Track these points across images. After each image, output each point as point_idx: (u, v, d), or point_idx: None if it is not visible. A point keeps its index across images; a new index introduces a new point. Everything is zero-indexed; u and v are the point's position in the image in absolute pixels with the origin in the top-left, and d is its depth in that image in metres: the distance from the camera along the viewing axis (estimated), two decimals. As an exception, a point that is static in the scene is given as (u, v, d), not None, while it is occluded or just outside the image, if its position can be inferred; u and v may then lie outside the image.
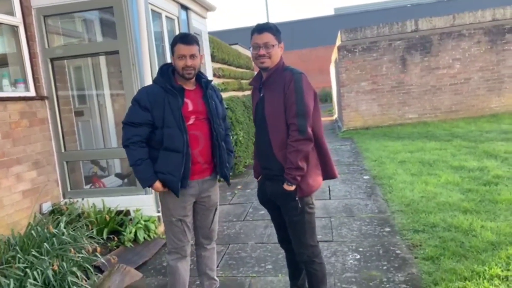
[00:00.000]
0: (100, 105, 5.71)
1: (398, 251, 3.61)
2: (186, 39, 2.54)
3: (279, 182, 2.39)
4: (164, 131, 2.53)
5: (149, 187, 2.62)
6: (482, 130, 9.07)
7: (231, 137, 4.48)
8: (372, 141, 9.37)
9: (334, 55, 13.68)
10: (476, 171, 5.73)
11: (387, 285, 3.05)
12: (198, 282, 3.26)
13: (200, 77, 2.69)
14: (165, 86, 2.55)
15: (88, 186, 4.85)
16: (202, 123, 2.65)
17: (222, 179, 2.82)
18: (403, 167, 6.46)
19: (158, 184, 2.57)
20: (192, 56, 2.53)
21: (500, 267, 3.05)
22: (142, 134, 2.56)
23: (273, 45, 2.40)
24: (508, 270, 3.01)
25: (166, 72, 2.62)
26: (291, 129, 2.33)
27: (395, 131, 10.47)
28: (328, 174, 2.54)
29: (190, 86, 2.66)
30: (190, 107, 2.61)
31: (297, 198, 2.38)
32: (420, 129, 10.30)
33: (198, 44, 2.60)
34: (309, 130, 2.32)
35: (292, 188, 2.36)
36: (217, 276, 3.05)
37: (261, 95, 2.51)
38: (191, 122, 2.58)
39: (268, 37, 2.40)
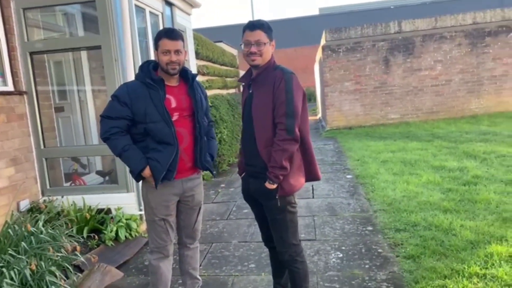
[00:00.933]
0: (81, 101, 5.59)
1: (380, 250, 3.65)
2: (171, 34, 2.51)
3: (262, 180, 2.39)
4: (150, 126, 2.49)
5: (140, 172, 2.52)
6: (462, 131, 9.25)
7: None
8: (355, 140, 9.45)
9: (319, 54, 13.75)
10: (456, 171, 5.83)
11: (369, 284, 3.08)
12: (180, 281, 3.23)
13: (185, 71, 2.65)
14: (145, 80, 2.51)
15: (68, 184, 4.75)
16: (185, 120, 2.61)
17: (206, 176, 2.79)
18: (385, 167, 6.54)
19: (148, 170, 2.51)
20: (177, 52, 2.49)
21: (478, 265, 3.10)
22: (121, 126, 2.52)
23: (264, 43, 2.39)
24: (486, 268, 3.07)
25: (146, 67, 2.58)
26: (278, 128, 2.32)
27: (377, 131, 10.59)
28: (311, 175, 2.54)
29: (173, 82, 2.61)
30: (173, 104, 2.57)
31: (277, 197, 2.37)
32: (402, 129, 10.45)
33: (183, 39, 2.56)
34: (297, 130, 2.33)
35: (274, 186, 2.36)
36: (200, 275, 3.02)
37: (250, 91, 2.50)
38: (174, 119, 2.54)
39: (260, 35, 2.39)
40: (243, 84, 2.64)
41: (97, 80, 5.63)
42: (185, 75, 2.65)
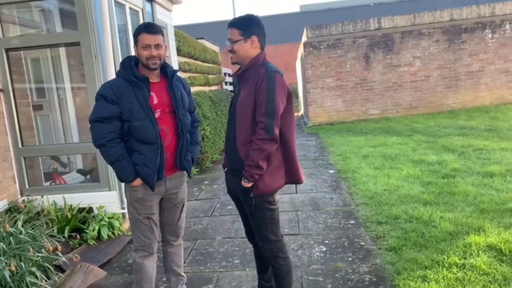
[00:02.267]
0: (61, 99, 5.48)
1: (362, 243, 3.71)
2: (150, 28, 2.48)
3: (239, 178, 2.37)
4: (134, 124, 2.45)
5: (131, 181, 2.51)
6: (440, 125, 9.45)
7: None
8: (336, 136, 9.55)
9: (300, 51, 13.82)
10: (435, 165, 5.96)
11: (352, 276, 3.13)
12: (164, 279, 3.21)
13: (165, 67, 2.62)
14: (128, 78, 2.47)
15: (48, 183, 4.66)
16: (168, 116, 2.58)
17: (189, 173, 2.78)
18: (367, 161, 6.63)
19: (138, 180, 2.50)
20: (157, 46, 2.46)
21: (457, 256, 3.19)
22: (116, 129, 2.46)
23: (236, 41, 2.38)
24: (465, 258, 3.15)
25: (129, 64, 2.54)
26: (258, 126, 2.28)
27: (358, 126, 10.72)
28: (292, 178, 2.48)
29: (154, 78, 2.58)
30: (155, 100, 2.55)
31: (251, 195, 2.35)
32: (382, 124, 10.60)
33: (162, 34, 2.54)
34: (276, 130, 2.28)
35: (249, 185, 2.33)
36: (184, 272, 3.01)
37: (239, 87, 2.50)
38: (157, 115, 2.51)
39: (232, 33, 2.40)
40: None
41: (77, 78, 5.53)
42: (164, 71, 2.62)
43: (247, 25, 2.40)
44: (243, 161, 2.34)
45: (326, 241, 3.81)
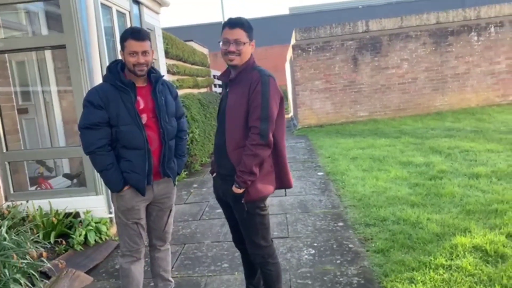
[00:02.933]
0: (47, 103, 5.42)
1: (350, 245, 3.72)
2: (137, 34, 2.44)
3: (229, 183, 2.34)
4: (121, 129, 2.43)
5: (118, 191, 2.48)
6: (428, 127, 9.55)
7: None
8: (326, 138, 9.59)
9: (289, 53, 13.87)
10: (422, 166, 6.02)
11: (341, 279, 3.14)
12: (152, 284, 3.18)
13: (150, 72, 2.59)
14: (115, 83, 2.45)
15: (33, 188, 4.59)
16: (153, 122, 2.55)
17: (179, 176, 2.75)
18: (355, 163, 6.67)
19: (127, 187, 2.48)
20: (145, 53, 2.44)
21: (444, 257, 3.22)
22: (105, 136, 2.43)
23: (244, 43, 2.31)
24: (452, 259, 3.18)
25: (115, 69, 2.52)
26: (252, 131, 2.24)
27: (347, 128, 10.79)
28: (282, 183, 2.46)
29: (140, 83, 2.56)
30: (142, 105, 2.53)
31: (243, 201, 2.32)
32: (370, 126, 10.68)
33: (149, 39, 2.52)
34: (271, 136, 2.25)
35: (241, 191, 2.30)
36: (172, 277, 2.99)
37: (227, 90, 2.44)
38: (144, 121, 2.50)
39: (239, 34, 2.30)
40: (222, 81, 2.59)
41: (63, 81, 5.47)
42: (150, 76, 2.58)
43: (250, 28, 2.36)
44: (234, 166, 2.30)
45: (315, 244, 3.81)
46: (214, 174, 2.58)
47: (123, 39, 2.46)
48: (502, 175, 5.21)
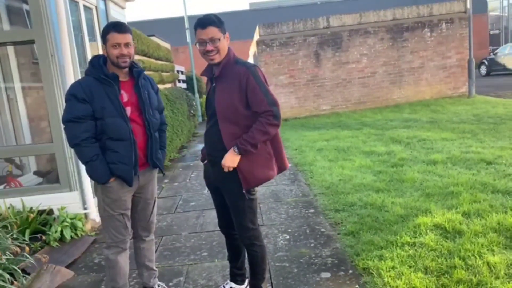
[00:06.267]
0: (10, 99, 5.26)
1: (322, 229, 3.94)
2: (120, 27, 2.50)
3: (219, 166, 2.44)
4: (106, 121, 2.47)
5: (104, 183, 2.53)
6: (387, 119, 10.03)
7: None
8: (291, 131, 9.85)
9: (253, 49, 14.01)
10: (384, 155, 6.37)
11: (316, 260, 3.34)
12: (135, 274, 3.25)
13: (132, 67, 2.65)
14: (98, 76, 2.49)
15: (2, 186, 4.49)
16: (137, 115, 2.62)
17: (160, 170, 2.83)
18: (321, 154, 6.94)
19: (113, 178, 2.52)
20: (127, 45, 2.49)
21: (408, 236, 3.50)
22: (90, 129, 2.47)
23: (219, 39, 2.35)
24: (415, 237, 3.47)
25: (97, 62, 2.56)
26: (267, 114, 2.34)
27: (311, 121, 11.11)
28: (282, 166, 2.60)
29: (122, 77, 2.61)
30: (125, 98, 2.58)
31: (244, 191, 2.44)
32: (333, 119, 11.05)
33: (131, 32, 2.58)
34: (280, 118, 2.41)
35: (234, 155, 2.37)
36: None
37: (213, 85, 2.50)
38: (128, 113, 2.55)
39: (212, 31, 2.34)
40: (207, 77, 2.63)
41: (27, 77, 5.34)
42: (132, 71, 2.65)
43: (221, 21, 2.41)
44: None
45: (289, 230, 4.00)
46: (205, 161, 2.68)
47: (105, 32, 2.50)
48: (456, 160, 5.64)
